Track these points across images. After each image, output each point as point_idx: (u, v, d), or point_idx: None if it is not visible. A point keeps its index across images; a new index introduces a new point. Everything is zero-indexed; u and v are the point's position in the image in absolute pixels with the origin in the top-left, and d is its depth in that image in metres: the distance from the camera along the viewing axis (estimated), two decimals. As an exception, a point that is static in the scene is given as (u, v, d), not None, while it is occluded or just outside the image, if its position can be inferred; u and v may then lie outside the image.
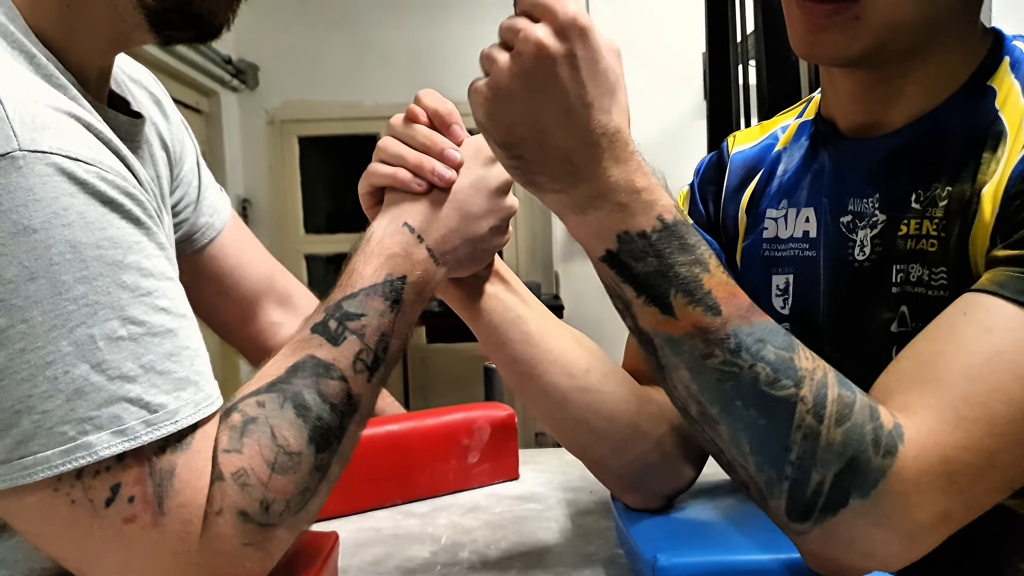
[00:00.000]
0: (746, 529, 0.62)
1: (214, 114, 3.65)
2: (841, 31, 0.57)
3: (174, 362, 0.48)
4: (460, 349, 3.91)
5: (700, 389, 0.49)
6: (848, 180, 0.64)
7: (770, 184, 0.71)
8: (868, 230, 0.62)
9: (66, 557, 0.49)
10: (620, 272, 0.50)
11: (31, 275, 0.44)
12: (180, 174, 0.78)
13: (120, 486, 0.46)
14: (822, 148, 0.67)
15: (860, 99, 0.63)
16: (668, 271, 0.49)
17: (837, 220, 0.64)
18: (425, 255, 0.58)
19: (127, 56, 0.72)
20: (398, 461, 0.86)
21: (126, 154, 0.54)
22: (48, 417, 0.44)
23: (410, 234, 0.57)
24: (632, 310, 0.51)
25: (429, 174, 0.59)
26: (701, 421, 0.51)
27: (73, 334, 0.45)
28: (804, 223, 0.67)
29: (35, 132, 0.46)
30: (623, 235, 0.50)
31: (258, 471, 0.50)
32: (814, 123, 0.70)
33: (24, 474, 0.44)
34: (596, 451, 0.68)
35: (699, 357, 0.48)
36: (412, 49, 3.77)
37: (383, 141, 0.61)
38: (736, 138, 0.77)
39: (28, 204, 0.44)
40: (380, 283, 0.55)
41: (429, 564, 0.70)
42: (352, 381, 0.53)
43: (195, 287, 0.83)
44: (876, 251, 0.61)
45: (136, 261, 0.48)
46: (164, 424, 0.47)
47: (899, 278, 0.59)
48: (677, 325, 0.49)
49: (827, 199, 0.65)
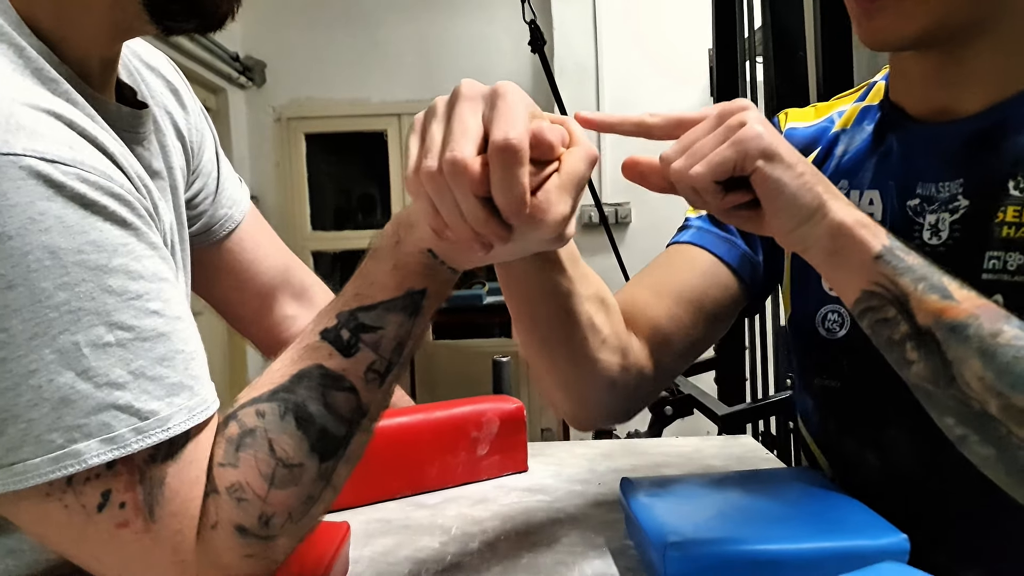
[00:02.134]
0: (755, 519, 0.62)
1: (221, 111, 3.66)
2: (894, 12, 0.57)
3: (167, 367, 0.47)
4: (466, 345, 3.92)
5: (997, 375, 0.46)
6: (919, 164, 0.64)
7: (827, 163, 0.71)
8: (946, 214, 0.61)
9: (71, 556, 0.49)
10: (897, 265, 0.51)
11: (8, 283, 0.43)
12: (199, 165, 0.77)
13: (111, 492, 0.46)
14: (890, 132, 0.67)
15: (932, 82, 0.63)
16: (933, 263, 0.51)
17: (904, 203, 0.64)
18: (447, 271, 0.54)
19: (146, 42, 0.71)
20: (408, 453, 0.86)
21: (117, 151, 0.52)
22: (35, 425, 0.44)
23: (433, 259, 0.52)
24: (910, 306, 0.50)
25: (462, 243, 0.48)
26: (1006, 416, 0.46)
27: (56, 342, 0.44)
28: (868, 205, 0.67)
29: (8, 134, 0.44)
30: (891, 235, 0.52)
31: (254, 486, 0.48)
32: (880, 108, 0.69)
33: (15, 480, 0.44)
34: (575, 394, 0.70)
35: (988, 337, 0.47)
36: (419, 47, 3.77)
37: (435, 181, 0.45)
38: (789, 115, 0.77)
39: (2, 210, 0.43)
40: (400, 296, 0.52)
41: (439, 554, 0.70)
42: (363, 391, 0.51)
43: (212, 279, 0.83)
44: (955, 236, 0.60)
45: (123, 264, 0.47)
46: (155, 432, 0.46)
47: (992, 265, 0.58)
48: (959, 308, 0.48)
49: (894, 182, 0.65)
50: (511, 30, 3.40)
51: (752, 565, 0.57)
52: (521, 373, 3.70)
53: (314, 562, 0.59)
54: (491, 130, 0.44)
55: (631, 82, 3.60)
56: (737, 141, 0.51)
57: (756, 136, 0.51)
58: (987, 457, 0.48)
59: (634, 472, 0.78)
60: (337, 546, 0.62)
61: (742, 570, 0.57)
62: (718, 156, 0.52)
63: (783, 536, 0.58)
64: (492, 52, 3.71)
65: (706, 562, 0.57)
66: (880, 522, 0.59)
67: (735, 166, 0.52)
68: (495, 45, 3.70)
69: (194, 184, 0.77)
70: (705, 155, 0.52)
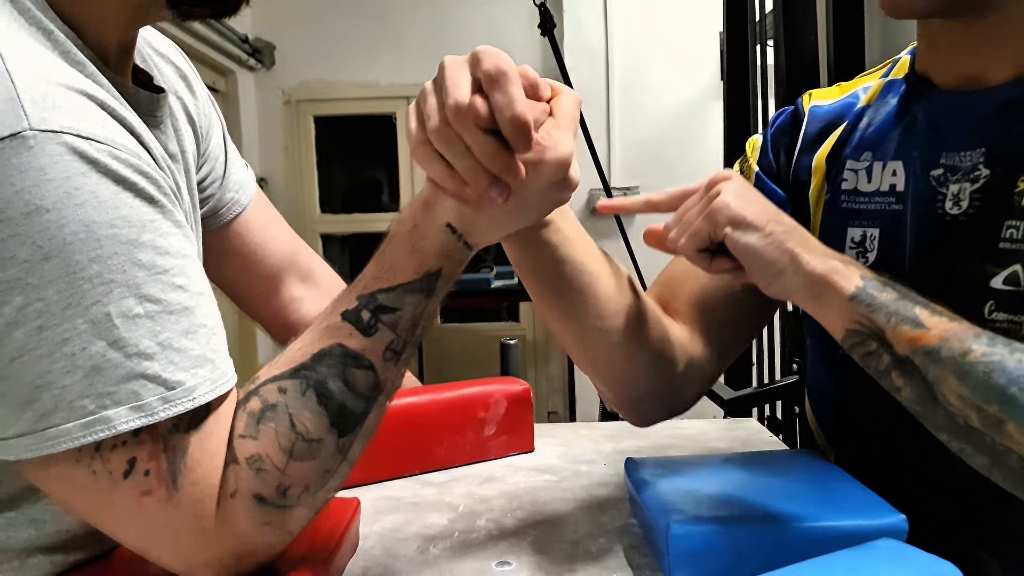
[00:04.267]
0: (757, 498, 0.63)
1: (231, 93, 3.66)
2: None
3: (191, 340, 0.49)
4: (474, 329, 3.94)
5: (972, 390, 0.49)
6: (944, 133, 0.64)
7: (852, 136, 0.71)
8: (967, 184, 0.61)
9: (95, 522, 0.51)
10: (871, 303, 0.53)
11: (45, 255, 0.45)
12: (207, 150, 0.78)
13: (136, 460, 0.47)
14: (915, 103, 0.67)
15: (961, 51, 0.63)
16: (905, 295, 0.53)
17: (927, 173, 0.64)
18: (463, 249, 0.55)
19: (155, 30, 0.72)
20: (417, 433, 0.88)
21: (143, 131, 0.54)
22: (67, 392, 0.45)
23: (451, 234, 0.54)
24: (887, 338, 0.53)
25: (480, 192, 0.50)
26: (986, 427, 0.49)
27: (89, 312, 0.46)
28: (891, 176, 0.67)
29: (46, 111, 0.46)
30: (864, 274, 0.55)
31: (274, 457, 0.50)
32: (906, 80, 0.70)
33: (48, 445, 0.46)
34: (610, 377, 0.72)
35: (959, 356, 0.49)
36: (429, 29, 3.76)
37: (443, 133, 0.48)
38: (812, 95, 0.77)
39: (40, 184, 0.44)
40: (418, 279, 0.54)
41: (447, 531, 0.71)
42: (381, 369, 0.53)
43: (220, 262, 0.84)
44: (975, 205, 0.61)
45: (151, 240, 0.48)
46: (181, 401, 0.48)
47: (1011, 234, 0.59)
48: (930, 335, 0.51)
49: (918, 152, 0.65)
50: (521, 13, 3.39)
51: (754, 544, 0.58)
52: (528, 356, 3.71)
53: (325, 537, 0.60)
54: (479, 70, 0.47)
55: (641, 66, 3.59)
56: (709, 212, 0.57)
57: (724, 206, 0.56)
58: (983, 465, 0.50)
59: (639, 453, 0.79)
60: (348, 522, 0.64)
61: (744, 549, 0.58)
62: (695, 228, 0.58)
63: (784, 515, 0.59)
64: (502, 35, 3.69)
65: (709, 540, 0.58)
66: (879, 502, 0.60)
67: (709, 236, 0.57)
68: (505, 28, 3.69)
69: (202, 168, 0.78)
70: (688, 227, 0.58)
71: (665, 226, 0.62)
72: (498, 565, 0.64)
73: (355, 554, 0.67)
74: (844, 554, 0.47)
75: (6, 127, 0.44)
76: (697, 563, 0.58)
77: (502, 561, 0.64)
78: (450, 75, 0.48)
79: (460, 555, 0.66)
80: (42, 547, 0.56)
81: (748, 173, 0.76)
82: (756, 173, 0.75)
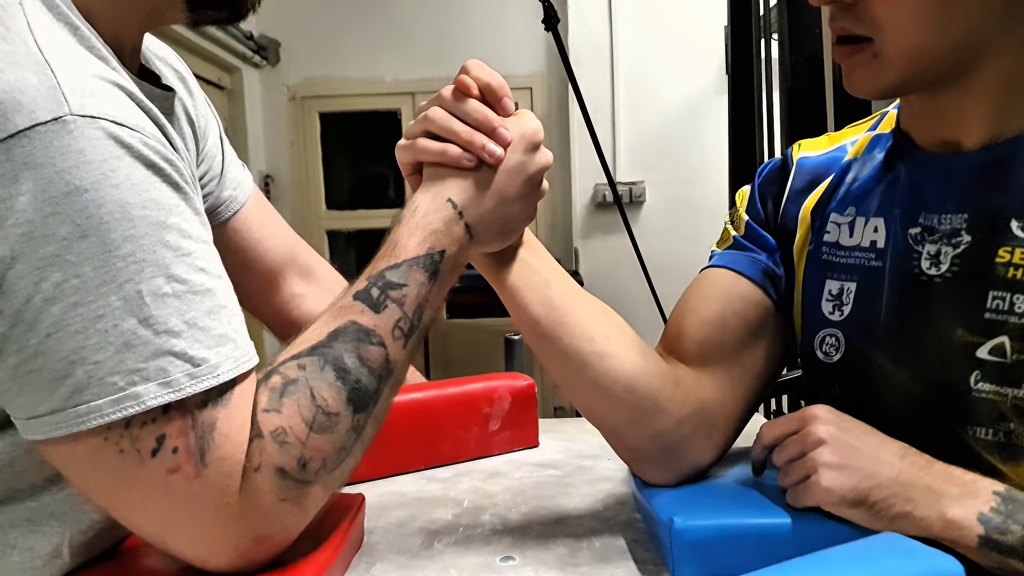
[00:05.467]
0: (760, 495, 0.63)
1: (236, 90, 3.67)
2: (866, 67, 0.59)
3: (214, 319, 0.51)
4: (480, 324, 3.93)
5: None
6: (924, 193, 0.64)
7: (838, 190, 0.72)
8: (948, 248, 0.61)
9: (115, 506, 0.51)
10: (1000, 549, 0.53)
11: (83, 233, 0.46)
12: (205, 149, 0.80)
13: (165, 437, 0.48)
14: (899, 160, 0.68)
15: (934, 117, 0.63)
16: None
17: (906, 231, 0.64)
18: (463, 231, 0.60)
19: (151, 35, 0.74)
20: (422, 428, 0.88)
21: (164, 123, 0.56)
22: (100, 368, 0.47)
23: (452, 210, 0.59)
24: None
25: (480, 150, 0.60)
26: None
27: (122, 290, 0.47)
28: (872, 233, 0.67)
29: (84, 98, 0.48)
30: (982, 512, 0.54)
31: (296, 430, 0.52)
32: (892, 136, 0.70)
33: (78, 422, 0.47)
34: (612, 419, 0.68)
35: None
36: (433, 25, 3.76)
37: (432, 112, 0.61)
38: (802, 146, 0.78)
39: (79, 165, 0.46)
40: (423, 256, 0.58)
41: (452, 526, 0.72)
42: (391, 347, 0.56)
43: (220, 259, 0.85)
44: (955, 269, 0.61)
45: (177, 223, 0.50)
46: (207, 377, 0.49)
47: (996, 305, 0.58)
48: None
49: (899, 210, 0.66)
50: (525, 9, 3.38)
51: (756, 538, 0.58)
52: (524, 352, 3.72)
53: (330, 531, 0.61)
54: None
55: (646, 60, 3.58)
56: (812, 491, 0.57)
57: (825, 492, 0.56)
58: None
59: (643, 448, 0.79)
60: (353, 515, 0.64)
61: (747, 543, 0.58)
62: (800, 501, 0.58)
63: (784, 510, 0.59)
64: (506, 30, 3.69)
65: (711, 535, 0.59)
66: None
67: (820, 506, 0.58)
68: (509, 23, 3.68)
69: (200, 166, 0.80)
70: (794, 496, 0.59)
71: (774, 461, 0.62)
72: (502, 560, 0.64)
73: (360, 549, 0.67)
74: (846, 548, 0.48)
75: (48, 112, 0.46)
76: (700, 558, 0.58)
77: (506, 556, 0.65)
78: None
79: (464, 550, 0.66)
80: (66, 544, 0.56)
81: (738, 223, 0.76)
82: (746, 222, 0.76)
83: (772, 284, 0.73)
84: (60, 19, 0.53)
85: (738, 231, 0.76)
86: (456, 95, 0.61)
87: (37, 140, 0.46)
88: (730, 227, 0.77)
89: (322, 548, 0.58)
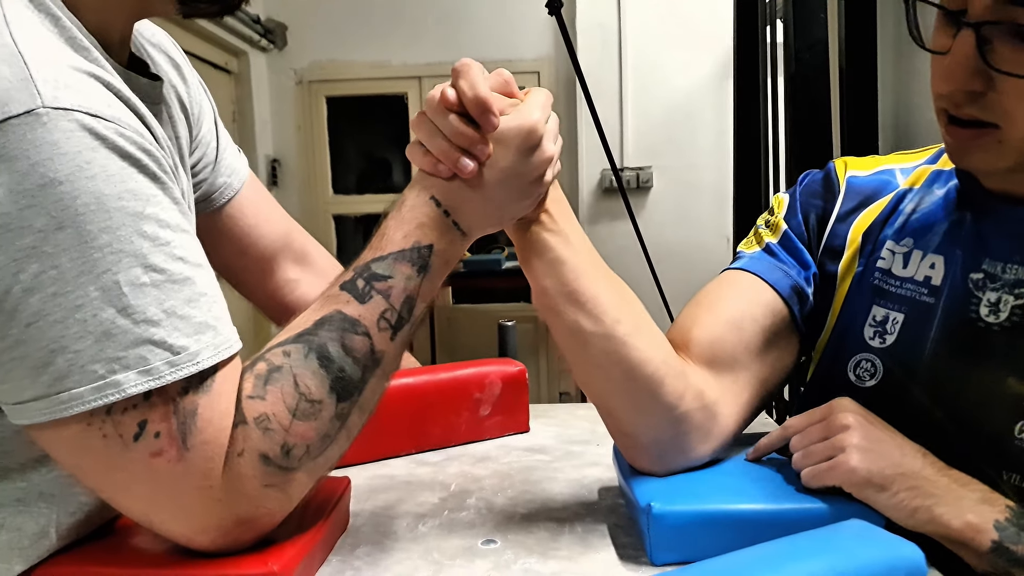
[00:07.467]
0: (739, 482, 0.64)
1: (243, 74, 3.67)
2: (986, 151, 0.60)
3: (193, 307, 0.51)
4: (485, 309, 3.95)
5: None
6: (990, 241, 0.65)
7: (893, 217, 0.72)
8: (1010, 297, 0.62)
9: (102, 487, 0.53)
10: (1009, 558, 0.54)
11: (59, 224, 0.47)
12: (199, 135, 0.80)
13: (147, 422, 0.49)
14: (966, 203, 0.68)
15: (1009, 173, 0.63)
16: None
17: (967, 275, 0.65)
18: (451, 227, 0.60)
19: (147, 20, 0.74)
20: (413, 413, 0.89)
21: (144, 113, 0.56)
22: (80, 356, 0.48)
23: (436, 208, 0.60)
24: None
25: (452, 165, 0.59)
26: None
27: (100, 280, 0.48)
28: (929, 268, 0.68)
29: (58, 90, 0.48)
30: (998, 519, 0.55)
31: (280, 417, 0.53)
32: (957, 175, 0.70)
33: (61, 408, 0.48)
34: (611, 402, 0.67)
35: None
36: (440, 9, 3.74)
37: (418, 119, 0.61)
38: (848, 164, 0.78)
39: (53, 158, 0.47)
40: (408, 249, 0.58)
41: (437, 509, 0.73)
42: (376, 338, 0.56)
43: (214, 245, 0.85)
44: (1015, 319, 0.62)
45: (154, 213, 0.51)
46: (186, 365, 0.50)
47: None
48: None
49: (962, 252, 0.66)
50: (532, -8, 3.36)
51: (733, 524, 0.59)
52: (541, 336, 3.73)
53: (315, 513, 0.62)
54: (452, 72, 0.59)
55: (654, 44, 3.56)
56: (837, 470, 0.59)
57: (850, 472, 0.58)
58: None
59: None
60: (337, 498, 0.66)
61: (724, 529, 0.59)
62: (819, 480, 0.60)
63: (761, 497, 0.60)
64: (513, 13, 3.67)
65: (688, 521, 0.59)
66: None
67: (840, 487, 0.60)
68: (516, 6, 3.66)
69: (194, 153, 0.80)
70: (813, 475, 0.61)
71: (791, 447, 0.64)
72: (484, 543, 0.65)
73: (345, 531, 0.68)
74: (813, 533, 0.48)
75: (21, 104, 0.47)
76: (678, 543, 0.59)
77: (488, 539, 0.66)
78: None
79: (448, 533, 0.67)
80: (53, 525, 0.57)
81: (776, 229, 0.76)
82: (784, 231, 0.75)
83: (798, 302, 0.73)
84: (40, 9, 0.53)
85: (773, 237, 0.76)
86: (438, 108, 0.59)
87: (11, 133, 0.46)
88: (764, 231, 0.77)
89: (306, 530, 0.59)
